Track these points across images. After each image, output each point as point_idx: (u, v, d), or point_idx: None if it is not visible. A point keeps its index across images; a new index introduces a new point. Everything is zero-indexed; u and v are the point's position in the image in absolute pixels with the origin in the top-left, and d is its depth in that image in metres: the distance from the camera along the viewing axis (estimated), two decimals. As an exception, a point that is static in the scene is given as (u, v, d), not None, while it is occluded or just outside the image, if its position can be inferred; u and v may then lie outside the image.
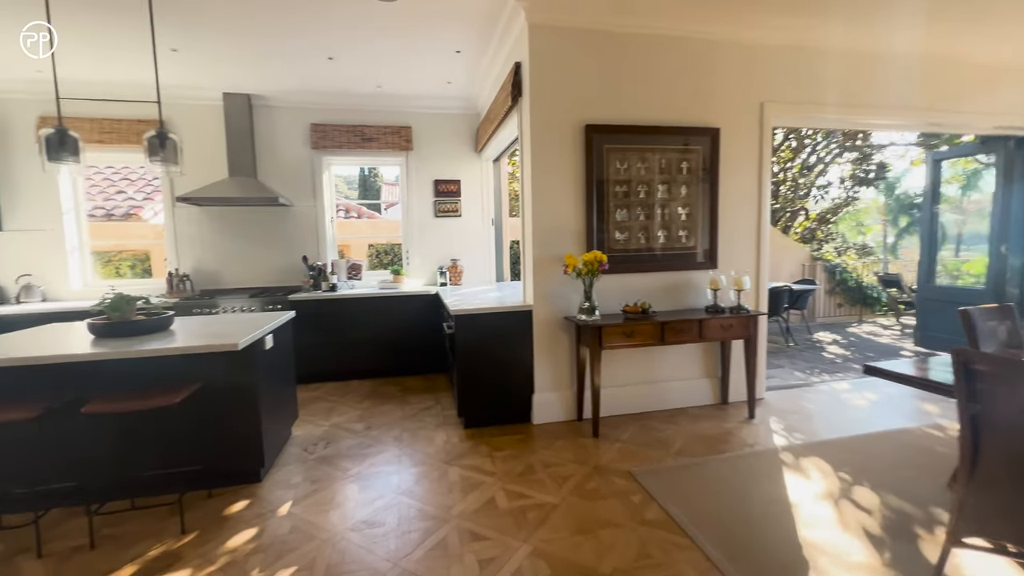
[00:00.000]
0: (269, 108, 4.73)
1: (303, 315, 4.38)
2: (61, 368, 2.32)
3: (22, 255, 4.38)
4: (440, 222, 5.21)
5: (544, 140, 3.24)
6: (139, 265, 6.13)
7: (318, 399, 4.08)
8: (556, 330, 3.38)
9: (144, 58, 3.71)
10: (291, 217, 4.88)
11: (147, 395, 2.20)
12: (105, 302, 2.49)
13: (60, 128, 2.46)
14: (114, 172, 6.68)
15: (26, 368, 2.29)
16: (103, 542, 2.14)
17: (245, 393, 2.56)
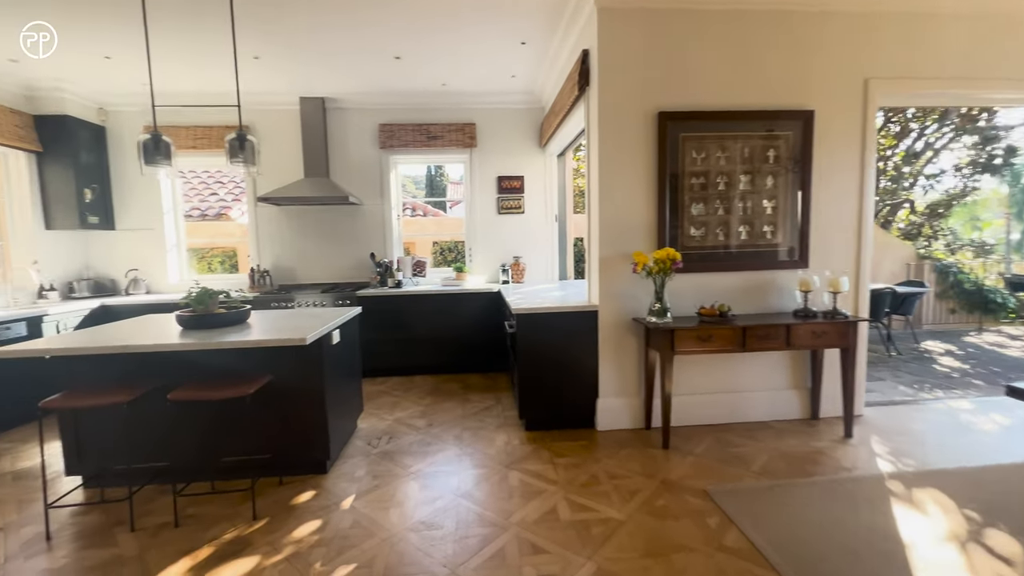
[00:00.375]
0: (341, 110, 4.91)
1: (370, 310, 4.49)
2: (151, 356, 2.50)
3: (131, 252, 4.87)
4: (503, 219, 5.15)
5: (612, 131, 3.05)
6: (228, 261, 6.64)
7: (383, 393, 4.16)
8: (623, 332, 3.18)
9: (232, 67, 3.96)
10: (360, 215, 5.04)
11: (224, 385, 2.30)
12: (191, 296, 2.66)
13: (155, 133, 2.64)
14: (208, 175, 7.29)
15: (123, 356, 2.49)
16: (186, 521, 2.27)
17: (312, 386, 2.63)
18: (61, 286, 4.48)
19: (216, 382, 2.36)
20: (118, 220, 4.82)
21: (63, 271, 4.55)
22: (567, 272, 5.31)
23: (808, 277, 3.03)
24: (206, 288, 2.74)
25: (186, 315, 2.59)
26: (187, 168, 6.07)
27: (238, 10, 3.02)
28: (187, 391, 2.24)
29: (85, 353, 2.26)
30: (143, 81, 4.19)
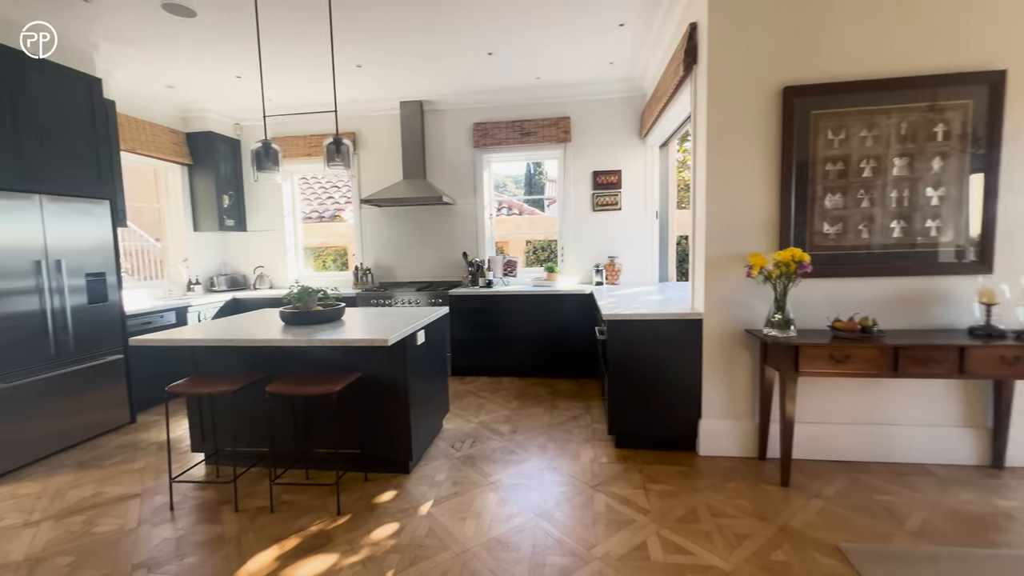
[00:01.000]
0: (437, 112, 4.99)
1: (460, 309, 4.51)
2: (257, 349, 2.68)
3: (258, 251, 5.45)
4: (598, 216, 4.86)
5: (724, 113, 2.65)
6: (339, 259, 7.18)
7: (470, 393, 4.14)
8: (733, 345, 2.76)
9: (339, 78, 4.20)
10: (454, 215, 5.09)
11: (315, 381, 2.38)
12: (292, 294, 2.81)
13: (265, 142, 2.84)
14: (327, 180, 7.98)
15: (235, 347, 2.71)
16: (280, 508, 2.39)
17: (396, 386, 2.64)
18: (204, 281, 5.16)
19: (309, 377, 2.45)
20: (249, 222, 5.41)
21: (206, 268, 5.22)
22: (668, 273, 4.86)
23: (993, 286, 2.35)
24: (305, 287, 2.89)
25: (287, 312, 2.75)
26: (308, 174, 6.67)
27: (338, 22, 3.15)
28: (282, 384, 2.35)
29: (193, 344, 2.48)
30: (268, 96, 4.62)
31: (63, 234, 3.11)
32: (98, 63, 3.52)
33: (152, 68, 3.93)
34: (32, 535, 2.23)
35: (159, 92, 4.44)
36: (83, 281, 3.23)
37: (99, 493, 2.60)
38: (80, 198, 3.23)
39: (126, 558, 2.04)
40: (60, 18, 3.05)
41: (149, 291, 4.62)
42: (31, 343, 2.94)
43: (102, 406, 3.37)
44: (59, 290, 3.08)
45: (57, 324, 3.07)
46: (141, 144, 4.38)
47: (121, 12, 3.03)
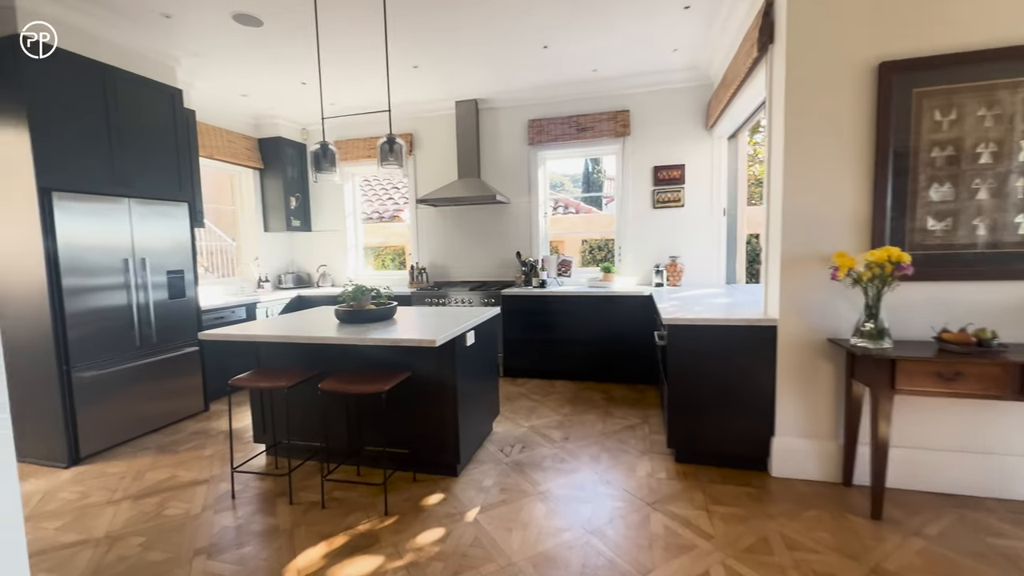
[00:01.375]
0: (492, 110, 4.95)
1: (513, 310, 4.44)
2: (311, 346, 2.74)
3: (322, 250, 5.68)
4: (658, 214, 4.60)
5: (806, 94, 2.36)
6: (397, 258, 7.34)
7: (522, 396, 4.05)
8: (813, 356, 2.46)
9: (396, 79, 4.27)
10: (508, 214, 5.03)
11: (366, 379, 2.39)
12: (346, 292, 2.86)
13: (323, 143, 2.90)
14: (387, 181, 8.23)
15: (291, 344, 2.79)
16: (331, 504, 2.42)
17: (445, 387, 2.59)
18: (273, 278, 5.45)
19: (360, 375, 2.47)
20: (314, 223, 5.66)
21: (275, 266, 5.52)
22: (736, 275, 4.51)
23: None
24: (360, 286, 2.93)
25: (341, 310, 2.79)
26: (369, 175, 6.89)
27: (394, 23, 3.17)
28: (334, 382, 2.38)
29: (249, 340, 2.57)
30: (331, 100, 4.79)
31: (147, 234, 3.36)
32: (180, 76, 3.78)
33: (227, 79, 4.18)
34: (113, 513, 2.40)
35: (234, 101, 4.73)
36: (164, 278, 3.48)
37: (173, 477, 2.77)
38: (162, 201, 3.48)
39: (189, 543, 2.13)
40: (146, 35, 3.30)
41: (224, 288, 4.93)
42: (120, 334, 3.20)
43: (180, 394, 3.62)
44: (143, 286, 3.34)
45: (141, 317, 3.33)
46: (218, 150, 4.68)
47: (197, 26, 3.22)
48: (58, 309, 2.86)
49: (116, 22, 3.11)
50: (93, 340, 3.04)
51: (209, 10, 3.03)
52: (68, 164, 2.90)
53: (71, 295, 2.91)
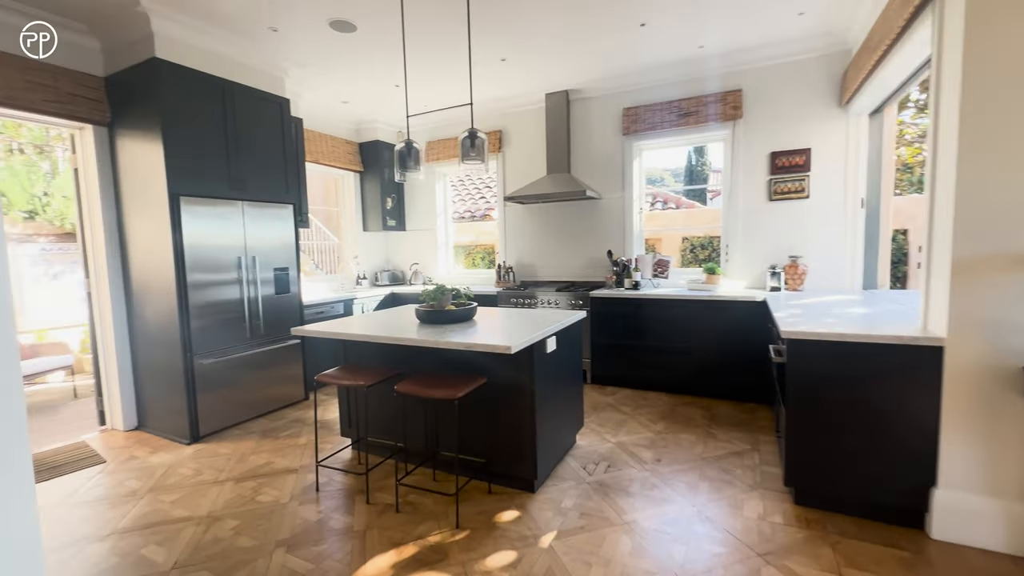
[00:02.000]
0: (584, 100, 4.68)
1: (603, 312, 4.14)
2: (391, 346, 2.72)
3: (415, 248, 5.84)
4: (776, 207, 3.99)
5: (1000, 44, 1.79)
6: (487, 257, 7.35)
7: (610, 407, 3.74)
8: (999, 388, 1.87)
9: (483, 74, 4.19)
10: (599, 210, 4.72)
11: (441, 383, 2.29)
12: (427, 291, 2.81)
13: (408, 141, 2.88)
14: (480, 180, 8.31)
15: (373, 344, 2.80)
16: (405, 508, 2.37)
17: (522, 396, 2.42)
18: (370, 276, 5.72)
19: (436, 379, 2.38)
20: (408, 222, 5.84)
21: (372, 264, 5.79)
22: (877, 278, 3.75)
23: None
24: (440, 285, 2.86)
25: (421, 310, 2.75)
26: (463, 174, 6.99)
27: (479, 14, 3.06)
28: (409, 384, 2.32)
29: (329, 337, 2.60)
30: (423, 102, 4.87)
31: (257, 234, 3.64)
32: (288, 86, 4.05)
33: (329, 87, 4.42)
34: (217, 493, 2.59)
35: (337, 108, 5.01)
36: (271, 274, 3.76)
37: (269, 463, 2.94)
38: (271, 203, 3.75)
39: (273, 533, 2.20)
40: (257, 49, 3.56)
41: (327, 284, 5.27)
42: (233, 326, 3.50)
43: (283, 383, 3.89)
44: (253, 281, 3.62)
45: (251, 310, 3.62)
46: (324, 155, 5.00)
47: (300, 37, 3.40)
48: (184, 301, 3.19)
49: (233, 40, 3.39)
50: (211, 330, 3.35)
51: (308, 20, 3.17)
52: (192, 172, 3.22)
53: (193, 289, 3.23)
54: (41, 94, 3.01)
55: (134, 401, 3.55)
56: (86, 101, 3.22)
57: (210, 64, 3.32)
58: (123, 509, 2.45)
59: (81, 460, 3.03)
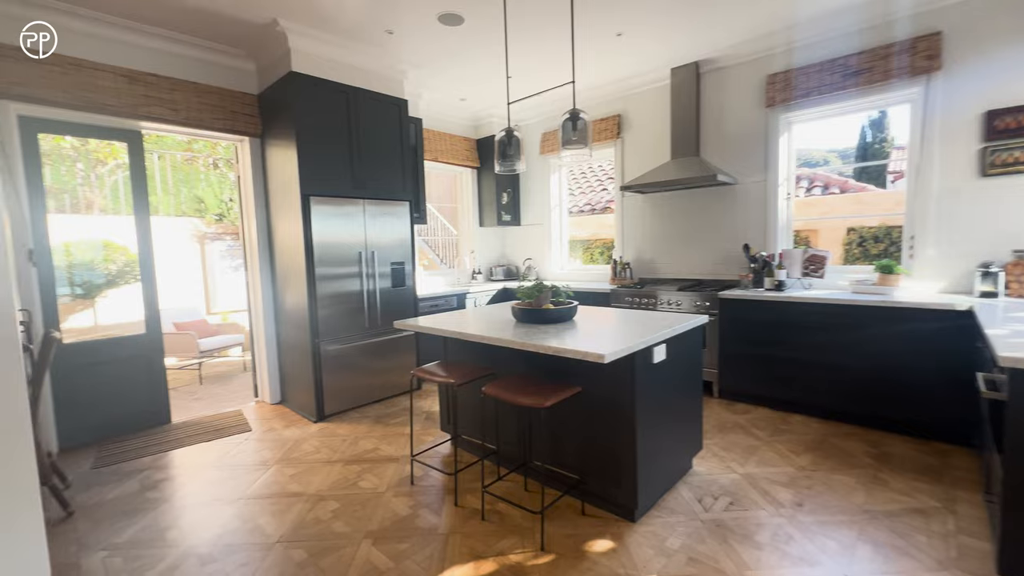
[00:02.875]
0: (718, 71, 4.05)
1: (736, 316, 3.55)
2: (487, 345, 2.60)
3: (528, 243, 5.74)
4: (993, 185, 2.98)
5: None
6: (606, 252, 6.96)
7: (739, 427, 3.18)
8: None
9: (598, 52, 3.86)
10: (733, 198, 4.06)
11: (530, 389, 2.11)
12: (523, 288, 2.63)
13: (508, 130, 2.73)
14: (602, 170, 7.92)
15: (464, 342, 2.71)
16: (491, 517, 2.24)
17: (620, 411, 2.11)
18: (485, 270, 5.78)
19: (525, 383, 2.20)
20: (523, 217, 5.76)
21: (487, 259, 5.84)
22: None
23: None
24: (539, 282, 2.67)
25: (516, 307, 2.58)
26: (584, 165, 6.70)
27: (590, -22, 2.76)
28: (497, 387, 2.17)
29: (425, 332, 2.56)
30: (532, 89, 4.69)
31: (376, 231, 3.85)
32: (407, 88, 4.21)
33: (445, 85, 4.51)
34: (327, 472, 2.76)
35: (455, 106, 5.11)
36: (388, 268, 3.95)
37: (376, 449, 3.06)
38: (388, 201, 3.94)
39: (364, 522, 2.24)
40: (377, 54, 3.74)
41: (443, 279, 5.45)
42: (353, 316, 3.75)
43: (397, 372, 4.08)
44: (372, 275, 3.84)
45: (370, 302, 3.84)
46: (443, 153, 5.15)
47: (413, 36, 3.48)
48: (313, 291, 3.49)
49: (355, 47, 3.60)
50: (334, 319, 3.63)
51: (419, 18, 3.21)
52: (320, 174, 3.50)
53: (320, 280, 3.52)
54: (211, 113, 3.54)
55: (279, 379, 4.04)
56: (244, 117, 3.71)
57: (336, 72, 3.57)
58: (253, 476, 2.75)
59: (234, 427, 3.51)
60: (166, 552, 2.07)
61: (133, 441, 3.29)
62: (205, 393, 4.60)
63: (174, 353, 4.99)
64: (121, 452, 3.11)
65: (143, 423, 3.51)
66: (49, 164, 6.17)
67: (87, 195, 6.06)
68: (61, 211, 6.07)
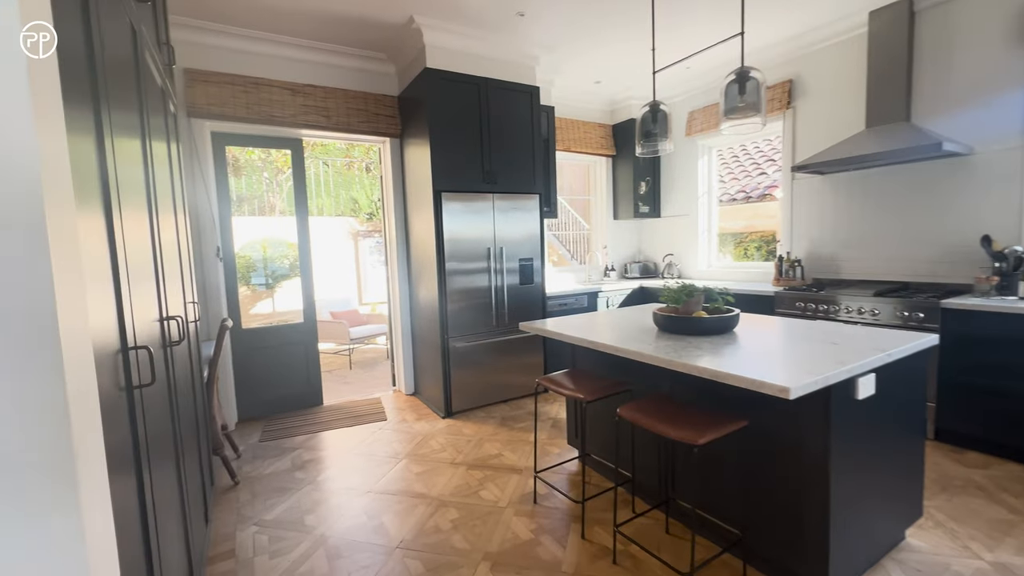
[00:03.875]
0: (942, 6, 3.04)
1: (968, 334, 2.64)
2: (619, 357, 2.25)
3: (670, 237, 5.14)
4: None
5: None
6: (765, 247, 5.96)
7: (975, 488, 2.31)
8: None
9: (766, 8, 3.18)
10: (968, 173, 3.03)
11: (679, 418, 1.71)
12: (668, 290, 2.21)
13: (653, 103, 2.33)
14: (760, 152, 6.83)
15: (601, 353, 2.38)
16: (623, 561, 1.90)
17: (806, 458, 1.59)
18: (619, 267, 5.33)
19: (674, 408, 1.80)
20: (663, 208, 5.18)
21: (621, 255, 5.39)
22: None
23: None
24: (687, 284, 2.22)
25: (659, 314, 2.17)
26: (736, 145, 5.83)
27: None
28: (635, 410, 1.81)
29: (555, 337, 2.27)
30: (687, 65, 4.11)
31: (505, 226, 3.72)
32: (538, 75, 3.98)
33: (579, 68, 4.18)
34: (451, 475, 2.68)
35: (588, 90, 4.76)
36: (516, 264, 3.80)
37: (499, 455, 2.92)
38: (518, 195, 3.77)
39: (484, 540, 2.07)
40: (508, 40, 3.58)
41: (574, 275, 5.16)
42: (481, 313, 3.68)
43: (524, 372, 3.92)
44: (500, 271, 3.72)
45: (498, 299, 3.73)
46: (575, 142, 4.85)
47: (543, 14, 3.23)
48: (443, 287, 3.49)
49: (485, 36, 3.48)
50: (463, 315, 3.59)
51: (553, -9, 2.94)
52: (452, 169, 3.46)
53: (450, 275, 3.50)
54: (357, 117, 3.74)
55: (413, 371, 4.18)
56: (385, 118, 3.87)
57: (467, 64, 3.49)
58: (384, 468, 2.80)
59: (372, 415, 3.70)
60: (302, 538, 2.15)
61: (292, 419, 3.65)
62: (354, 378, 5.01)
63: (331, 339, 5.55)
64: (282, 428, 3.46)
65: (301, 403, 3.89)
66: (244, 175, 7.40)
67: (271, 199, 7.12)
68: (252, 214, 7.23)
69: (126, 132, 1.24)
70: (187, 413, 1.83)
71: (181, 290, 1.98)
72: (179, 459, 1.53)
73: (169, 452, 1.40)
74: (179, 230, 2.22)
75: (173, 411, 1.50)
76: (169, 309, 1.60)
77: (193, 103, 3.19)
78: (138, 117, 1.40)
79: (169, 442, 1.41)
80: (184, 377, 1.84)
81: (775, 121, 4.06)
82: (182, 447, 1.61)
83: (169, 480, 1.36)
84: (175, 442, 1.50)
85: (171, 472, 1.40)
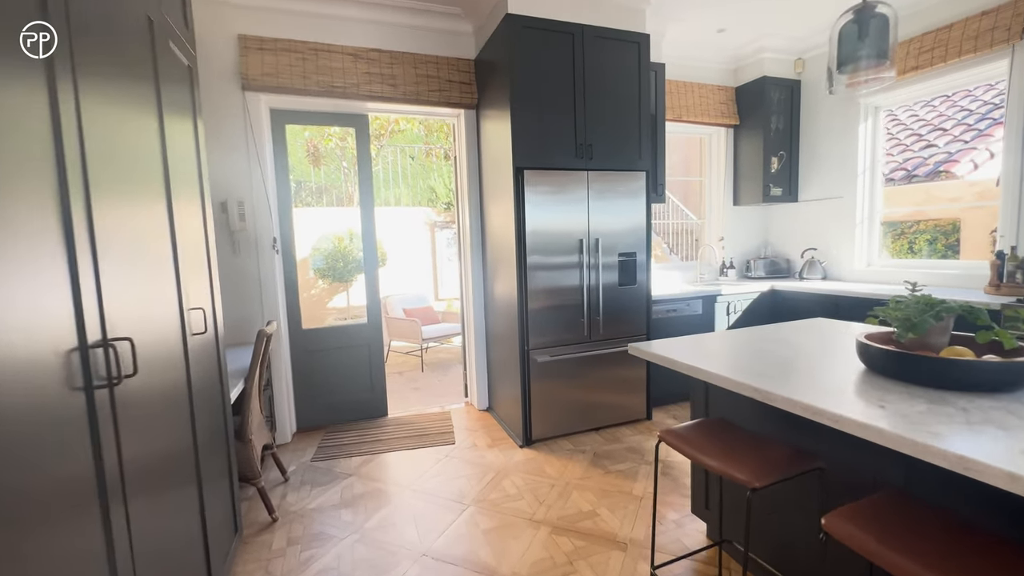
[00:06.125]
0: None
1: None
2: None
3: (811, 227, 4.04)
4: None
5: None
6: (940, 240, 4.58)
7: None
8: None
9: None
10: None
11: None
12: (896, 307, 1.34)
13: (861, 4, 1.44)
14: (926, 120, 5.33)
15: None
16: None
17: None
18: (739, 264, 4.33)
19: (937, 523, 0.98)
20: (802, 190, 4.09)
21: (743, 249, 4.37)
22: None
23: None
24: (923, 296, 1.34)
25: (873, 348, 1.31)
26: (909, 102, 4.52)
27: None
28: (859, 527, 1.01)
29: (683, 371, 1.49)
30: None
31: (602, 211, 2.97)
32: (649, 21, 3.15)
33: (700, 12, 3.28)
34: (529, 540, 2.03)
35: (709, 43, 3.81)
36: (615, 259, 3.03)
37: (593, 513, 2.21)
38: (620, 172, 3.00)
39: None
40: (616, -27, 2.79)
41: (681, 273, 4.25)
42: (570, 320, 2.97)
43: (622, 394, 3.15)
44: (595, 267, 2.98)
45: (591, 302, 3.00)
46: (688, 110, 3.93)
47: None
48: (523, 286, 2.84)
49: (584, -30, 2.74)
50: (546, 322, 2.91)
51: None
52: (536, 141, 2.79)
53: (532, 271, 2.84)
54: (427, 85, 3.19)
55: (487, 381, 3.58)
56: (459, 85, 3.28)
57: (559, 7, 2.77)
58: (446, 519, 2.21)
59: (439, 435, 3.16)
60: (332, 625, 1.62)
61: (351, 433, 3.22)
62: (424, 382, 4.56)
63: (403, 338, 5.17)
64: (339, 445, 3.04)
65: (363, 412, 3.47)
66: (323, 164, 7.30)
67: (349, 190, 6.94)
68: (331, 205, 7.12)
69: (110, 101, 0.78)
70: (204, 432, 1.40)
71: (202, 283, 1.61)
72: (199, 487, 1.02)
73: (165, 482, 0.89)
74: (206, 218, 1.79)
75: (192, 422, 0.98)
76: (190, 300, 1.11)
77: (247, 74, 2.81)
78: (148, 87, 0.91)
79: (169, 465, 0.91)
80: (202, 389, 1.43)
81: (978, 66, 2.87)
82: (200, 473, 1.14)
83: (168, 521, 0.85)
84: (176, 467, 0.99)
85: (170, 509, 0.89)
